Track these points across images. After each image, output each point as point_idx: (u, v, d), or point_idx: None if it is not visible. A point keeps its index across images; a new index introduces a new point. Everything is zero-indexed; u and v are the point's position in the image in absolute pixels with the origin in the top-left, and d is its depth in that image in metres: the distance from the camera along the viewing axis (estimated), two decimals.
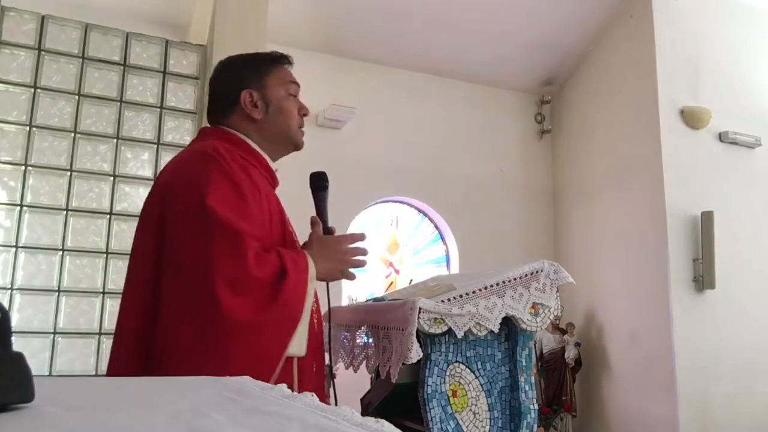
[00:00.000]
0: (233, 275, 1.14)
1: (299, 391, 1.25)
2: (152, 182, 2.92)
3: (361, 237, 1.43)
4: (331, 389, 1.52)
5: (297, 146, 1.52)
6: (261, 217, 1.29)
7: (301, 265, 1.26)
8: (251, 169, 1.36)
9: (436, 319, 1.56)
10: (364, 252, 1.42)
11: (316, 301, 1.40)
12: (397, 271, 5.41)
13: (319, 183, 1.45)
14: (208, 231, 1.17)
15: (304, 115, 1.53)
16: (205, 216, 1.18)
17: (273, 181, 1.48)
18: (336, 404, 1.28)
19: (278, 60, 1.53)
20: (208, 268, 1.14)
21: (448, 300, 1.62)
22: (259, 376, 1.14)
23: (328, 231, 1.43)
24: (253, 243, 1.20)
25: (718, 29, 5.09)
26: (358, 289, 5.13)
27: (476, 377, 1.69)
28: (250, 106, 1.44)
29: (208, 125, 1.51)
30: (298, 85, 1.54)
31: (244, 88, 1.44)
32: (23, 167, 2.72)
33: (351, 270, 1.42)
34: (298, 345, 1.23)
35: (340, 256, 1.38)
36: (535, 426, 1.73)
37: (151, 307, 1.21)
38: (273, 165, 1.50)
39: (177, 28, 4.08)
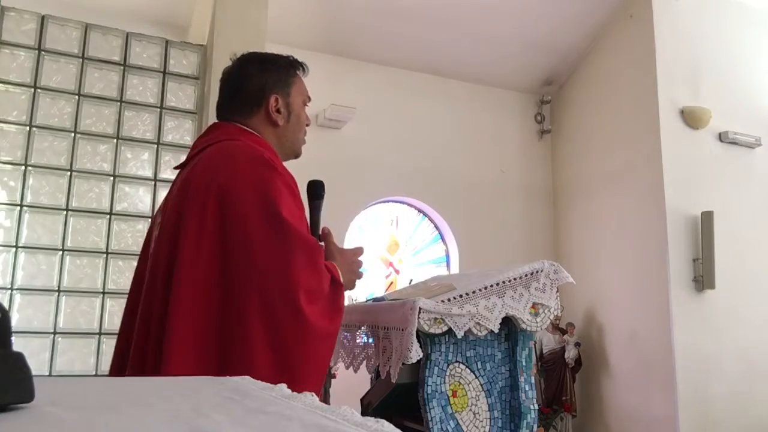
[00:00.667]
0: (311, 286, 1.21)
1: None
2: (152, 182, 2.93)
3: (360, 248, 1.51)
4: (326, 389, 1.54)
5: (298, 156, 1.58)
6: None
7: (339, 276, 1.34)
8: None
9: (436, 319, 1.56)
10: (359, 252, 1.50)
11: None
12: (397, 271, 5.41)
13: (316, 192, 1.46)
14: (288, 242, 1.21)
15: (307, 125, 1.59)
16: (281, 227, 1.21)
17: None
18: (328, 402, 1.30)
19: (300, 68, 1.56)
20: (291, 277, 1.18)
21: (448, 300, 1.62)
22: (322, 378, 1.24)
23: (320, 238, 1.44)
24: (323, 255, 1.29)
25: (718, 29, 5.09)
26: (358, 289, 5.13)
27: (476, 377, 1.69)
28: (275, 111, 1.44)
29: (224, 120, 1.47)
30: (310, 98, 1.57)
31: (273, 92, 1.45)
32: (23, 167, 2.72)
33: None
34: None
35: (356, 267, 1.44)
36: (535, 426, 1.73)
37: (211, 310, 1.19)
38: None
39: (177, 28, 4.08)
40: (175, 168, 1.52)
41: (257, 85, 1.45)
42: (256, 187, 1.25)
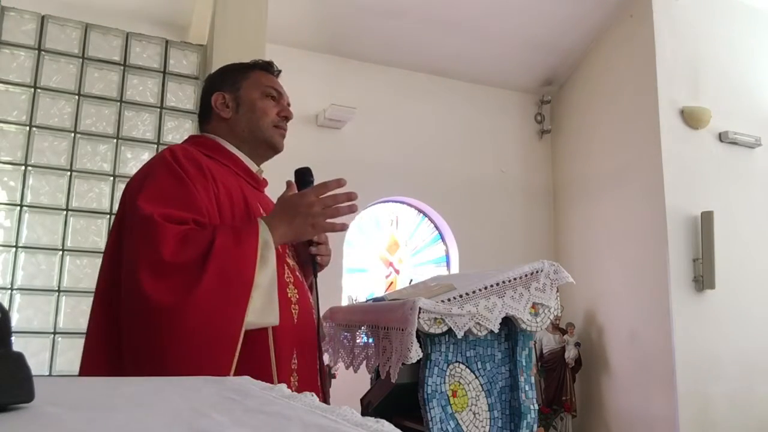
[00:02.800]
0: (153, 260, 1.13)
1: (278, 375, 1.25)
2: None
3: (335, 183, 1.29)
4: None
5: (272, 146, 1.49)
6: (209, 203, 1.27)
7: (244, 234, 1.20)
8: (216, 166, 1.36)
9: (436, 319, 1.55)
10: (342, 199, 1.28)
11: (302, 288, 1.38)
12: (397, 271, 5.41)
13: (304, 178, 1.42)
14: (132, 229, 1.20)
15: (285, 117, 1.50)
16: (132, 216, 1.21)
17: (252, 181, 1.47)
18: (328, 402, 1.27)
19: (261, 67, 1.53)
20: (134, 259, 1.16)
21: (448, 300, 1.62)
22: (212, 354, 1.10)
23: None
24: (177, 226, 1.17)
25: (718, 29, 5.09)
26: (358, 289, 5.13)
27: (476, 377, 1.69)
28: (221, 106, 1.46)
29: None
30: (279, 91, 1.51)
31: (215, 91, 1.48)
32: (23, 167, 2.72)
33: (332, 221, 1.29)
34: (259, 313, 1.17)
35: (305, 209, 1.25)
36: (535, 426, 1.73)
37: (109, 308, 1.23)
38: (254, 167, 1.49)
39: (177, 28, 4.08)
40: None
41: (204, 95, 1.52)
42: (136, 181, 1.29)
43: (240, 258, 1.17)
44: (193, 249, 1.15)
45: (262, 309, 1.17)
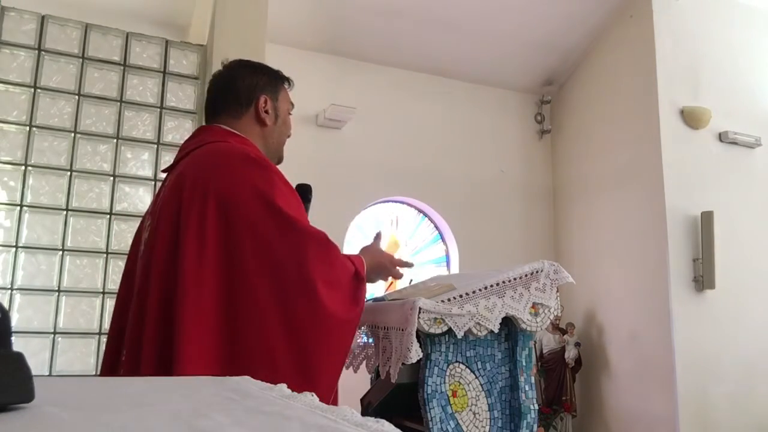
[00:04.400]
0: (327, 276, 1.25)
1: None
2: (152, 182, 2.93)
3: (409, 265, 1.63)
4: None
5: (280, 161, 1.59)
6: None
7: (363, 270, 1.41)
8: None
9: (436, 319, 1.55)
10: (399, 275, 1.62)
11: None
12: None
13: (304, 196, 1.47)
14: (297, 235, 1.24)
15: (288, 136, 1.61)
16: (286, 221, 1.25)
17: None
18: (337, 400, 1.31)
19: (287, 81, 1.59)
20: (306, 267, 1.21)
21: (448, 300, 1.62)
22: (339, 367, 1.28)
23: None
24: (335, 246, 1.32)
25: (718, 29, 5.09)
26: None
27: (476, 377, 1.69)
28: (263, 111, 1.46)
29: (211, 122, 1.50)
30: (293, 106, 1.61)
31: (263, 92, 1.47)
32: (23, 167, 2.72)
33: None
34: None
35: (385, 273, 1.56)
36: (535, 426, 1.73)
37: (220, 307, 1.21)
38: None
39: (177, 28, 4.08)
40: (163, 171, 1.55)
41: (249, 85, 1.47)
42: (253, 187, 1.27)
43: (363, 292, 1.39)
44: (345, 272, 1.33)
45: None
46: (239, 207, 1.25)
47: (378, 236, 1.65)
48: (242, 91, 1.47)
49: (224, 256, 1.22)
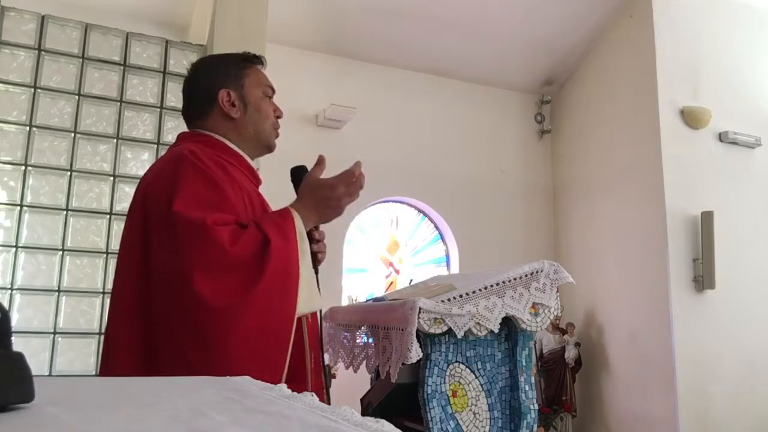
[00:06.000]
0: (209, 263, 1.15)
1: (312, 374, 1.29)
2: None
3: (358, 169, 1.38)
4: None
5: (270, 148, 1.52)
6: (243, 206, 1.31)
7: (287, 228, 1.25)
8: (230, 168, 1.37)
9: (436, 319, 1.56)
10: (360, 185, 1.37)
11: None
12: (397, 271, 5.41)
13: (299, 177, 1.43)
14: (177, 235, 1.19)
15: (278, 117, 1.52)
16: (173, 223, 1.20)
17: (255, 180, 1.48)
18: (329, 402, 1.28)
19: (253, 60, 1.53)
20: (185, 263, 1.15)
21: (448, 300, 1.62)
22: (269, 349, 1.16)
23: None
24: (224, 228, 1.19)
25: (718, 29, 5.09)
26: (358, 289, 5.13)
27: (476, 377, 1.69)
28: (228, 105, 1.44)
29: (186, 129, 1.50)
30: (273, 89, 1.53)
31: (222, 88, 1.44)
32: (23, 167, 2.72)
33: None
34: (307, 302, 1.23)
35: (335, 201, 1.33)
36: (535, 426, 1.73)
37: (141, 309, 1.23)
38: (254, 164, 1.50)
39: (177, 28, 4.08)
40: None
41: (205, 86, 1.46)
42: (163, 186, 1.27)
43: (289, 253, 1.22)
44: (249, 249, 1.18)
45: (308, 298, 1.24)
46: (153, 210, 1.27)
47: (318, 162, 1.40)
48: (202, 91, 1.46)
49: (143, 256, 1.26)
